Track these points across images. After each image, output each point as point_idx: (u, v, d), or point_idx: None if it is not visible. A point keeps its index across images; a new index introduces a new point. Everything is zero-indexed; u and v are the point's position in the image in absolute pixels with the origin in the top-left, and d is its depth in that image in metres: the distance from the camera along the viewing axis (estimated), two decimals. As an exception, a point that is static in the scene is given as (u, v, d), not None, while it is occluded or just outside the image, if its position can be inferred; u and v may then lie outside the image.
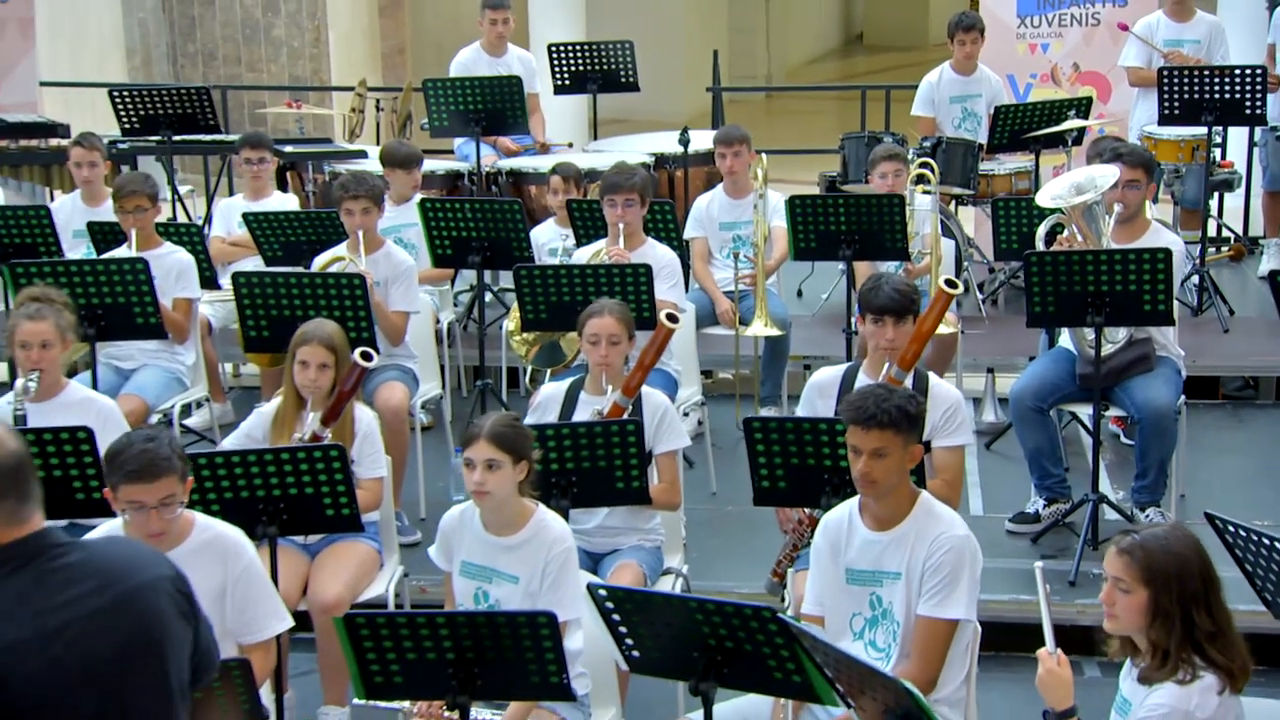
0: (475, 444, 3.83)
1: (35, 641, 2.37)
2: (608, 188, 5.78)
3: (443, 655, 3.46)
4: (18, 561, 2.40)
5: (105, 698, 2.42)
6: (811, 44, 21.70)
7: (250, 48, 13.47)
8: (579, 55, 8.22)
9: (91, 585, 2.44)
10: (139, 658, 2.48)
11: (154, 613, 2.51)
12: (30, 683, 2.35)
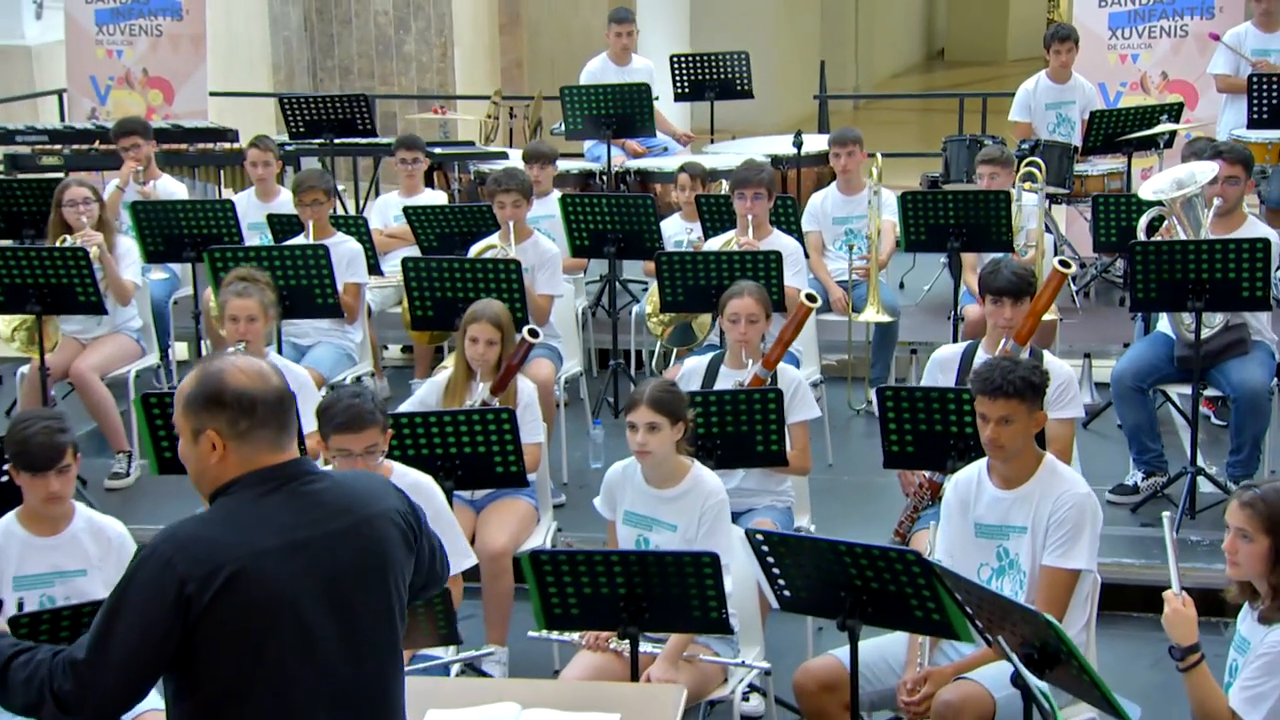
0: (637, 409, 4.01)
1: (282, 551, 2.49)
2: (738, 182, 5.94)
3: (615, 590, 3.66)
4: (274, 483, 2.54)
5: (336, 610, 2.54)
6: (896, 59, 21.70)
7: (383, 62, 13.79)
8: (698, 64, 8.39)
9: (334, 510, 2.57)
10: (368, 578, 2.59)
11: (383, 540, 2.62)
12: (274, 587, 2.47)
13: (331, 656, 2.52)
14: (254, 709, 2.48)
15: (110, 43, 9.02)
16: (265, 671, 2.47)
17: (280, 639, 2.47)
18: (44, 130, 8.25)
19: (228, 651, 2.45)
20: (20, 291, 5.69)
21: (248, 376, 2.54)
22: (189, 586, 2.41)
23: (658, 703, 3.16)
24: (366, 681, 2.58)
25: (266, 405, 2.54)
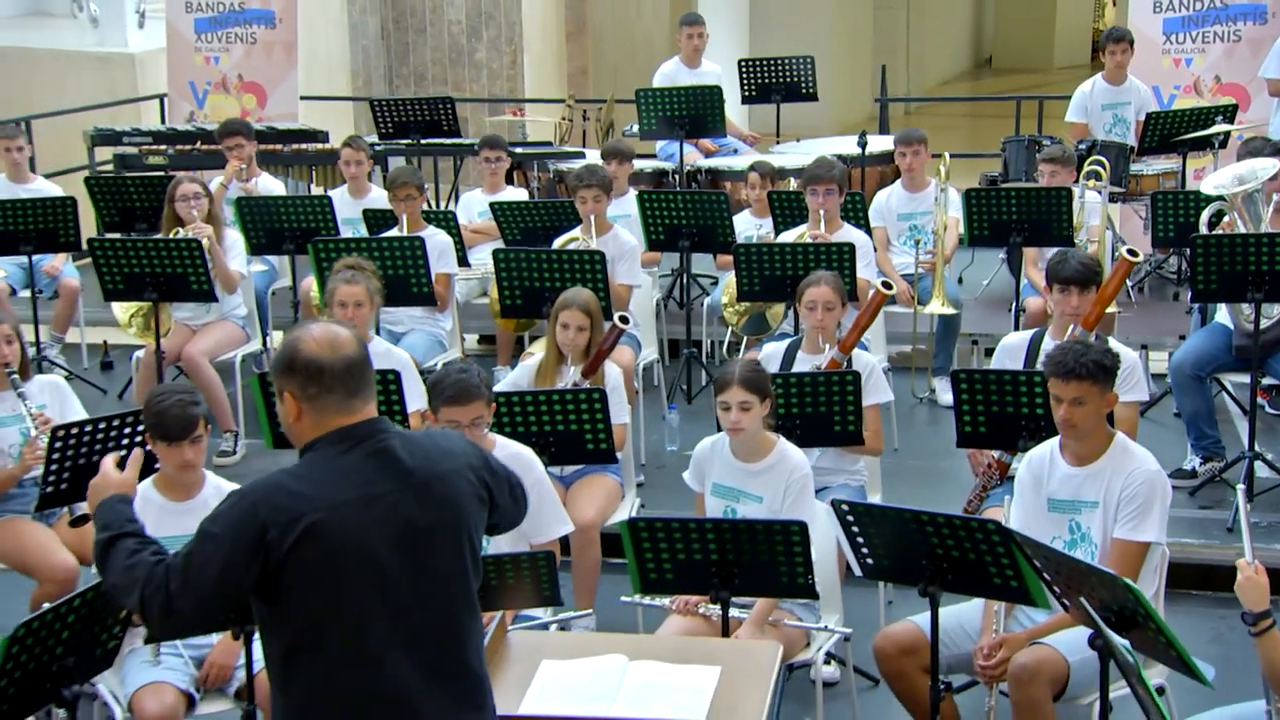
0: (729, 389, 4.11)
1: (359, 504, 2.59)
2: (811, 178, 6.03)
3: (708, 556, 3.76)
4: (351, 442, 2.63)
5: (408, 558, 2.63)
6: (946, 66, 21.65)
7: (455, 69, 13.96)
8: (765, 68, 8.47)
9: (406, 466, 2.66)
10: (441, 531, 2.68)
11: (453, 494, 2.70)
12: (352, 538, 2.57)
13: (404, 601, 2.63)
14: (333, 646, 2.60)
15: (208, 50, 9.24)
16: (342, 613, 2.60)
17: (355, 584, 2.59)
18: (148, 132, 8.48)
19: (308, 594, 2.58)
20: (138, 280, 5.89)
21: (319, 345, 2.65)
22: (270, 532, 2.55)
23: (756, 657, 3.25)
24: (438, 625, 2.68)
25: (333, 373, 2.64)
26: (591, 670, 3.20)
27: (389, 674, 2.62)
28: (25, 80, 9.66)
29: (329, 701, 2.63)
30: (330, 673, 2.62)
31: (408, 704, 2.64)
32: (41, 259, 6.94)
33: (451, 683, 2.70)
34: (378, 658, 2.62)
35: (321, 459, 2.65)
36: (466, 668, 2.74)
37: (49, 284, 7.09)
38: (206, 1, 9.17)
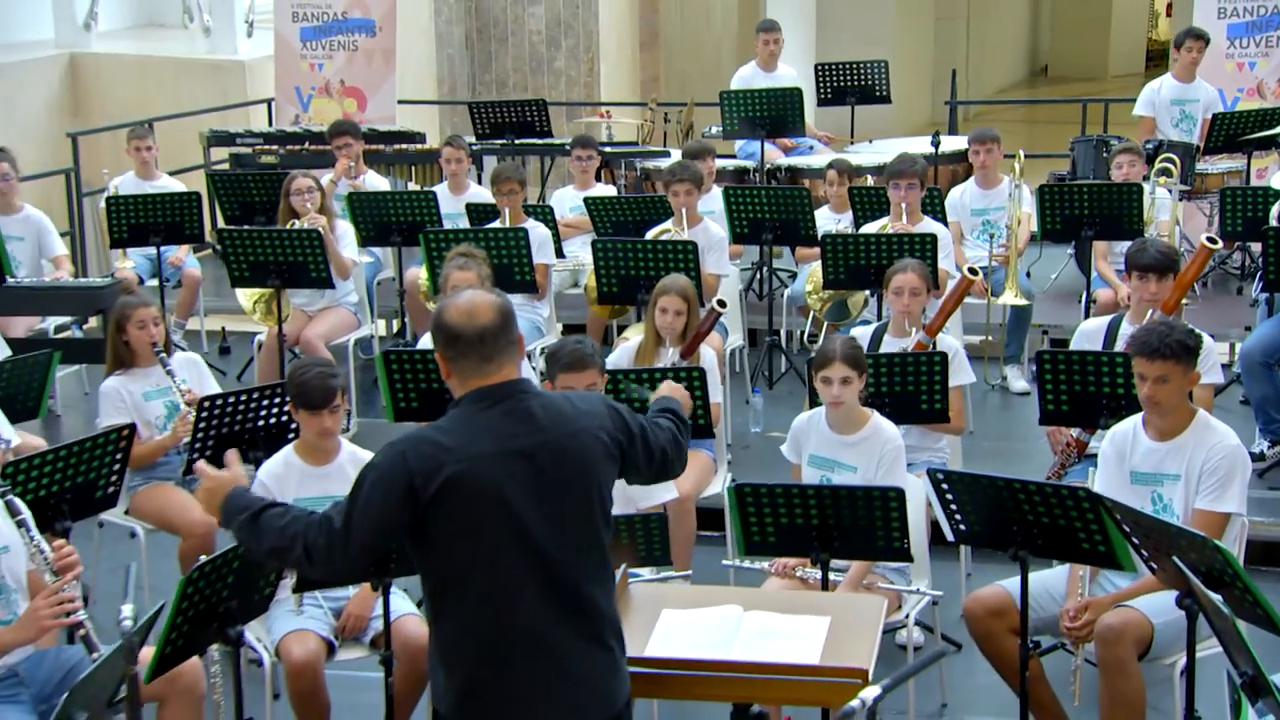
0: (831, 365, 4.22)
1: (498, 457, 2.74)
2: (894, 173, 6.12)
3: (809, 521, 3.87)
4: (489, 401, 2.78)
5: (541, 506, 2.76)
6: (1003, 75, 21.54)
7: (535, 77, 14.15)
8: (841, 72, 8.57)
9: (542, 423, 2.79)
10: (570, 480, 2.80)
11: (585, 449, 2.83)
12: (487, 485, 2.72)
13: (537, 546, 2.77)
14: (475, 585, 2.77)
15: (313, 57, 9.48)
16: (483, 554, 2.75)
17: (494, 528, 2.75)
18: (259, 134, 8.74)
19: (452, 537, 2.75)
20: (262, 268, 6.11)
21: (458, 313, 2.81)
22: (417, 480, 2.71)
23: (863, 609, 3.36)
24: (570, 568, 2.81)
25: (467, 339, 2.79)
26: (710, 619, 3.32)
27: (524, 611, 2.77)
28: (142, 86, 9.97)
29: (472, 634, 2.78)
30: (473, 608, 2.78)
31: (542, 639, 2.78)
32: (167, 251, 7.19)
33: (582, 621, 2.83)
34: (514, 596, 2.77)
35: (463, 416, 2.82)
36: (597, 608, 2.87)
37: (173, 274, 7.34)
38: (312, 11, 9.42)
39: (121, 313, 4.84)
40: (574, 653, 2.82)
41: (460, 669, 2.80)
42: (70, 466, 4.16)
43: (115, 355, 4.89)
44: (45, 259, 6.73)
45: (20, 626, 3.51)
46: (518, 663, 2.76)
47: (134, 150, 7.48)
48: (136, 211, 6.91)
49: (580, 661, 2.81)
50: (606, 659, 2.86)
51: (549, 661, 2.78)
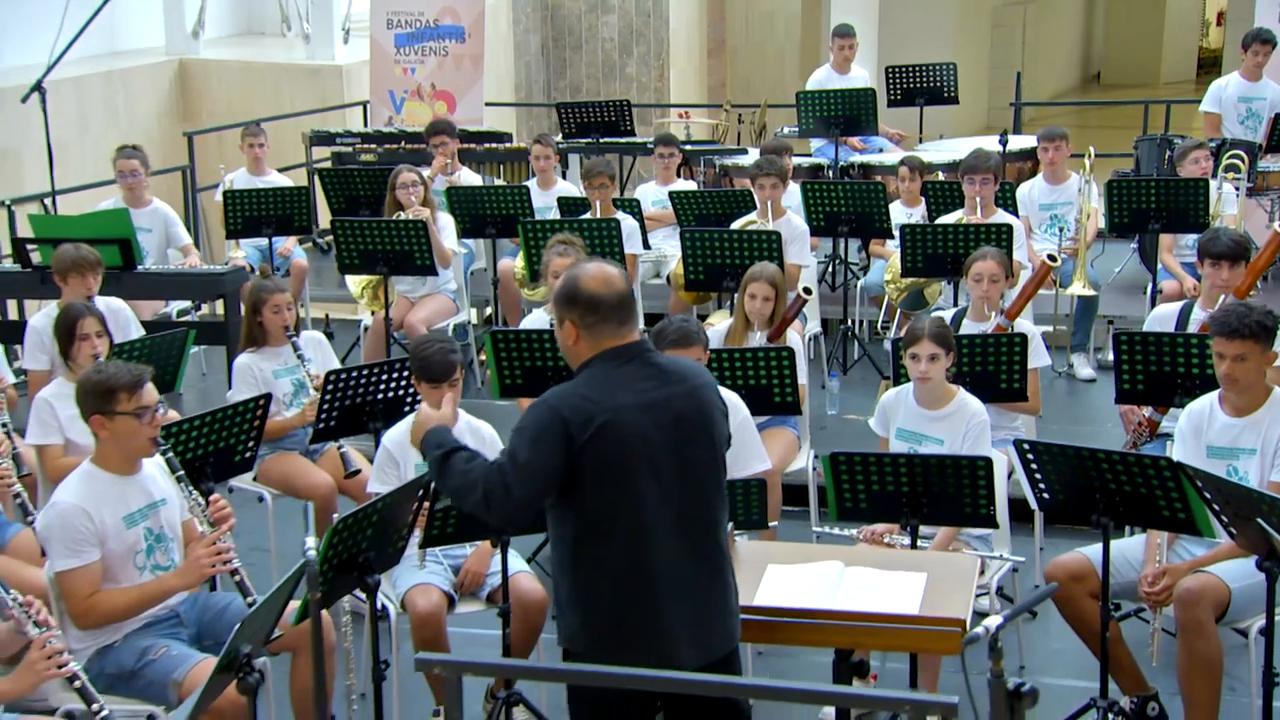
0: (920, 342, 4.33)
1: (635, 407, 2.93)
2: (969, 168, 6.20)
3: (899, 488, 3.98)
4: (625, 358, 2.98)
5: (675, 452, 2.96)
6: (1056, 82, 21.39)
7: (608, 83, 14.32)
8: (911, 74, 8.64)
9: (671, 378, 3.01)
10: (697, 429, 3.01)
11: (707, 402, 3.05)
12: (631, 433, 2.91)
13: (671, 488, 2.95)
14: (619, 527, 2.94)
15: (406, 62, 9.71)
16: (626, 498, 2.93)
17: (636, 473, 2.92)
18: (357, 134, 8.97)
19: (600, 482, 2.92)
20: (371, 256, 6.31)
21: (596, 282, 2.99)
22: (572, 428, 2.89)
23: (957, 566, 3.47)
24: (698, 509, 2.99)
25: (608, 305, 2.98)
26: (813, 573, 3.45)
27: (661, 550, 2.93)
28: (246, 90, 10.26)
29: (613, 574, 2.94)
30: (615, 550, 2.94)
31: (676, 577, 2.95)
32: (277, 241, 7.42)
33: (708, 558, 3.01)
34: (652, 537, 2.93)
35: (601, 373, 2.98)
36: (721, 549, 3.05)
37: (282, 263, 7.58)
38: (406, 18, 9.64)
39: (259, 296, 5.04)
40: (703, 590, 2.98)
41: (600, 608, 2.96)
42: (214, 432, 4.36)
43: (249, 334, 5.10)
44: (172, 248, 6.99)
45: (183, 572, 3.72)
46: (655, 600, 2.92)
47: (247, 147, 7.73)
48: (250, 204, 7.15)
49: (709, 598, 2.97)
50: (728, 596, 3.03)
51: (682, 598, 2.93)
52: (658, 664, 2.89)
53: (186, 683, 3.59)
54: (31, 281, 6.30)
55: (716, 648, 3.00)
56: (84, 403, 3.75)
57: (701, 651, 2.96)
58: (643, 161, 9.19)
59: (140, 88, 10.02)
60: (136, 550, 3.73)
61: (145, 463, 3.82)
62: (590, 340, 3.01)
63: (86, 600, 3.61)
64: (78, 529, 3.61)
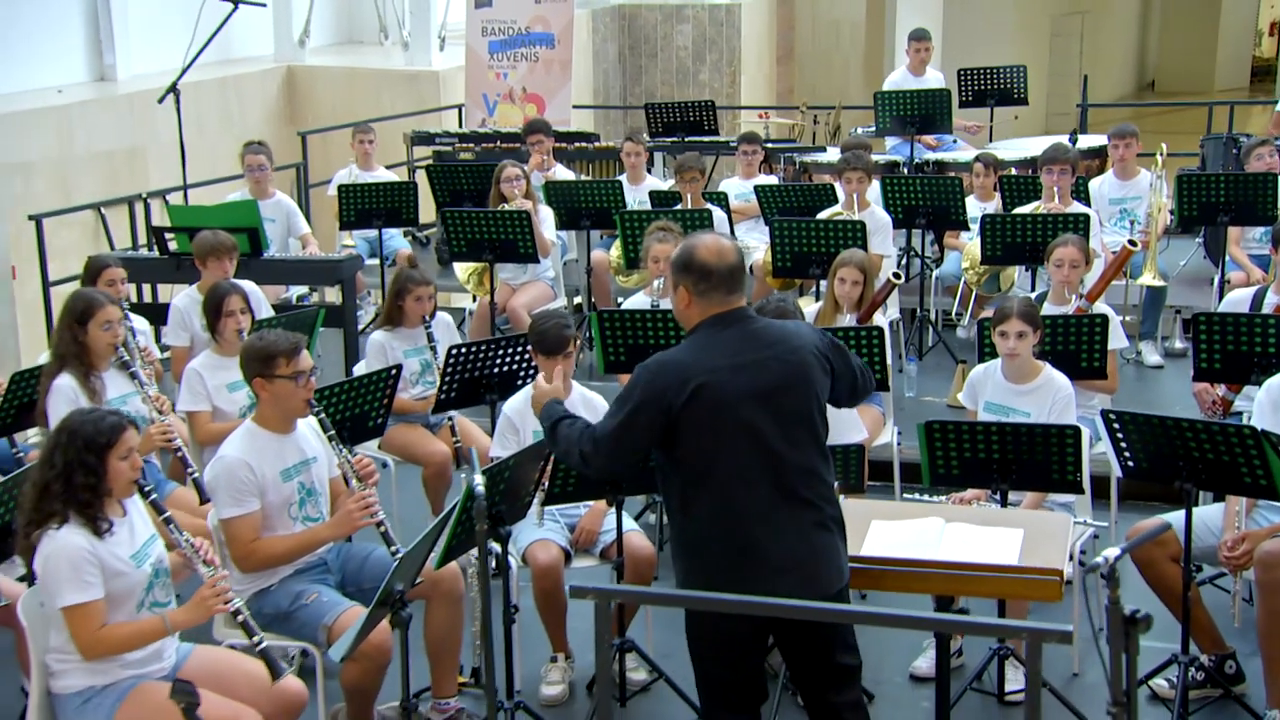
0: (1009, 320, 4.42)
1: (730, 369, 3.07)
2: (1048, 160, 6.27)
3: (990, 455, 4.07)
4: (725, 324, 3.13)
5: (771, 410, 3.09)
6: (1113, 88, 21.22)
7: (681, 89, 14.47)
8: (982, 76, 8.69)
9: (767, 341, 3.14)
10: (792, 388, 3.13)
11: (804, 363, 3.16)
12: (725, 394, 3.05)
13: (769, 442, 3.08)
14: (720, 478, 3.08)
15: (499, 67, 9.93)
16: (724, 452, 3.07)
17: (732, 429, 3.06)
18: (455, 134, 9.20)
19: (699, 439, 3.07)
20: (478, 244, 6.52)
21: (709, 252, 3.14)
22: (669, 393, 3.06)
23: (1052, 523, 3.57)
24: (798, 463, 3.11)
25: (719, 274, 3.13)
26: (915, 528, 3.56)
27: (760, 499, 3.07)
28: (349, 94, 10.55)
29: (719, 522, 3.09)
30: (718, 499, 3.09)
31: (776, 523, 3.08)
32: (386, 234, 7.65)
33: (808, 508, 3.12)
34: (752, 486, 3.07)
35: (703, 338, 3.14)
36: (820, 496, 3.16)
37: (390, 253, 7.80)
38: (499, 26, 9.86)
39: (405, 284, 5.24)
40: (802, 534, 3.11)
41: (709, 553, 3.11)
42: (351, 398, 4.57)
43: (388, 315, 5.31)
44: (293, 237, 7.25)
45: (335, 524, 3.92)
46: (757, 544, 3.06)
47: (358, 144, 7.98)
48: (362, 198, 7.39)
49: (808, 542, 3.10)
50: (829, 540, 3.15)
51: (783, 542, 3.07)
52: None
53: (335, 626, 3.79)
54: (168, 267, 6.58)
55: (823, 585, 3.12)
56: (247, 367, 3.97)
57: (807, 588, 3.06)
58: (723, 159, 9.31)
59: (251, 92, 10.35)
60: (291, 503, 3.94)
61: (299, 424, 4.03)
62: (701, 305, 3.16)
63: (248, 545, 3.83)
64: (241, 480, 3.82)
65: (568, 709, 4.32)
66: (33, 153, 8.29)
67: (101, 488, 3.33)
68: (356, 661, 3.69)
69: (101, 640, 3.30)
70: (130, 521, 3.46)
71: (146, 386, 4.68)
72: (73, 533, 3.31)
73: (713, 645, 3.21)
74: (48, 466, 3.34)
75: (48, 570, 3.29)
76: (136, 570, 3.40)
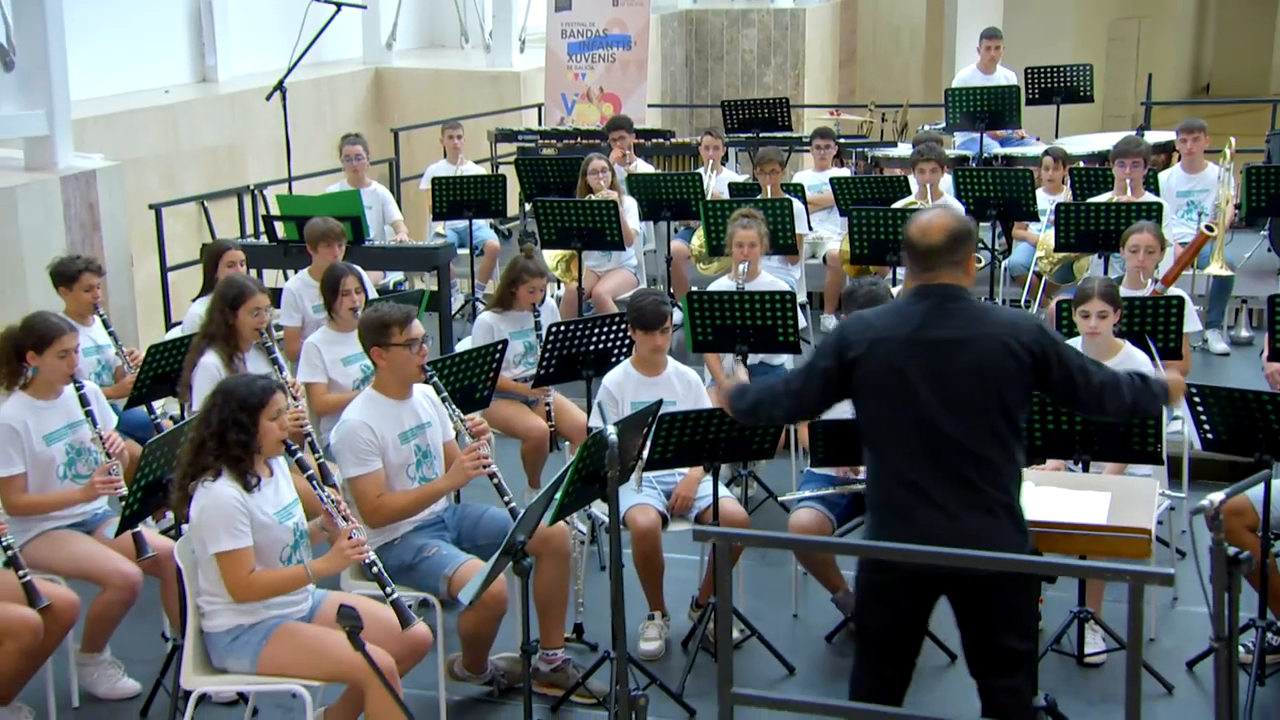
0: (1090, 300, 4.48)
1: (909, 341, 3.06)
2: (1121, 152, 6.30)
3: (1073, 426, 4.12)
4: (924, 296, 3.11)
5: (940, 391, 3.03)
6: (1168, 92, 20.90)
7: (746, 92, 14.51)
8: (1048, 74, 8.71)
9: (959, 323, 3.06)
10: (972, 375, 3.03)
11: (991, 351, 3.03)
12: (895, 363, 3.07)
13: (932, 420, 3.04)
14: (882, 442, 3.14)
15: (577, 67, 10.11)
16: (885, 418, 3.12)
17: (892, 398, 3.09)
18: (536, 131, 9.39)
19: (866, 398, 3.15)
20: (567, 232, 6.68)
21: (917, 229, 3.19)
22: (846, 345, 3.15)
23: (1139, 487, 3.64)
24: (960, 444, 3.01)
25: (917, 250, 3.15)
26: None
27: (919, 471, 3.07)
28: (434, 94, 10.78)
29: (883, 482, 3.16)
30: (883, 461, 3.15)
31: (933, 496, 3.05)
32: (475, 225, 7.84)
33: (966, 488, 3.03)
34: (911, 458, 3.07)
35: (900, 304, 3.20)
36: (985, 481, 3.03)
37: (479, 243, 7.99)
38: (578, 29, 10.04)
39: (520, 274, 5.39)
40: (959, 514, 3.03)
41: (875, 510, 3.20)
42: (461, 370, 4.74)
43: (500, 298, 5.48)
44: (386, 224, 7.46)
45: (451, 476, 4.10)
46: (914, 513, 3.08)
47: (448, 139, 8.19)
48: (453, 190, 7.58)
49: (965, 522, 3.02)
50: (989, 523, 3.04)
51: (939, 517, 3.04)
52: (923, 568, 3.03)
53: (455, 577, 3.96)
54: (276, 253, 6.82)
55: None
56: (365, 337, 4.15)
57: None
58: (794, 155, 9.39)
59: (342, 93, 10.62)
60: (408, 464, 4.11)
61: (415, 391, 4.20)
62: (909, 275, 3.22)
63: (374, 501, 4.00)
64: (364, 441, 4.00)
65: (664, 664, 4.45)
66: (144, 149, 8.59)
67: (252, 445, 3.52)
68: (475, 610, 3.86)
69: (250, 585, 3.49)
70: (276, 482, 3.65)
71: (285, 371, 4.88)
72: (226, 485, 3.50)
73: (860, 593, 3.26)
74: (204, 425, 3.54)
75: (203, 519, 3.48)
76: (279, 526, 3.59)
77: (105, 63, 8.87)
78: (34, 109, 6.60)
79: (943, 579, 3.10)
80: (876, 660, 3.25)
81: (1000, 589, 3.05)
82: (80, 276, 5.22)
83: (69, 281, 5.24)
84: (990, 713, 3.16)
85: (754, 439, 4.30)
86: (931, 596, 3.18)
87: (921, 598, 3.17)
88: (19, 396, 4.21)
